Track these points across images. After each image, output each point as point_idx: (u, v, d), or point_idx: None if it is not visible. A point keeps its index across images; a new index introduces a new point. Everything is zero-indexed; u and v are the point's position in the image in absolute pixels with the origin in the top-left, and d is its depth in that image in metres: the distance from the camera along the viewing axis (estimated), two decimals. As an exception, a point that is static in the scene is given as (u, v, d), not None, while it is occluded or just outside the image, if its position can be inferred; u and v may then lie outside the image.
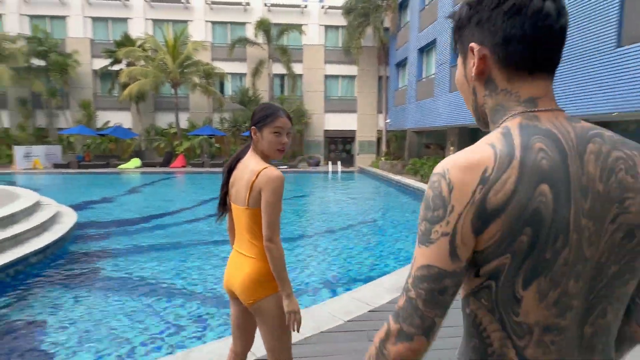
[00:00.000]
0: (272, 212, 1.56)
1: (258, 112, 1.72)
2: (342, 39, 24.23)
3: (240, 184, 1.68)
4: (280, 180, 1.58)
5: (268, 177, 1.57)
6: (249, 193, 1.60)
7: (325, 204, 10.65)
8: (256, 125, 1.69)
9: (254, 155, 1.71)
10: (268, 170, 1.59)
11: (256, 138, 1.70)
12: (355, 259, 5.70)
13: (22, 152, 19.20)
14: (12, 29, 22.31)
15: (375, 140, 24.84)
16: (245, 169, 1.67)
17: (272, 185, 1.56)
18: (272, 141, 1.68)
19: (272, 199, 1.56)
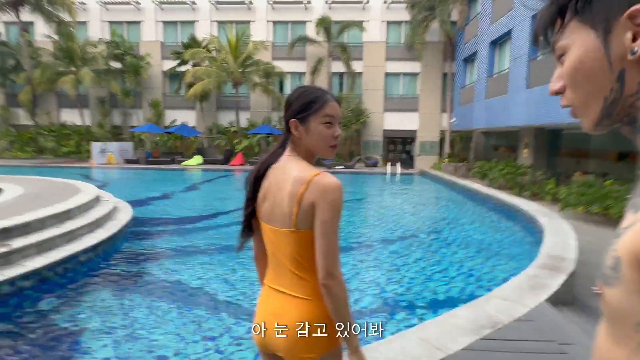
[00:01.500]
0: (332, 234, 1.13)
1: (298, 98, 1.26)
2: (404, 34, 23.19)
3: (278, 197, 1.21)
4: (340, 190, 1.15)
5: (324, 187, 1.14)
6: (296, 210, 1.15)
7: (382, 209, 9.95)
8: (297, 117, 1.24)
9: (294, 158, 1.25)
10: (322, 177, 1.15)
11: (298, 133, 1.25)
12: (416, 279, 5.00)
13: (98, 148, 20.72)
14: (94, 34, 24.25)
15: (438, 141, 23.44)
16: (285, 177, 1.21)
17: (330, 198, 1.13)
18: (323, 134, 1.24)
19: (331, 216, 1.13)
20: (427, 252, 6.19)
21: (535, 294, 3.27)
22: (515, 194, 11.64)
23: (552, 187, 11.01)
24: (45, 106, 24.79)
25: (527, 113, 12.25)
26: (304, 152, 1.26)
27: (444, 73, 22.85)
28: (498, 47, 16.07)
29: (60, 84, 21.46)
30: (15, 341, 3.25)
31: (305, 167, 1.19)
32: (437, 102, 23.31)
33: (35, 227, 4.69)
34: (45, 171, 16.60)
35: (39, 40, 24.18)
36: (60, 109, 25.07)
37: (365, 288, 4.56)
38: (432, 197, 12.79)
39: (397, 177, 18.59)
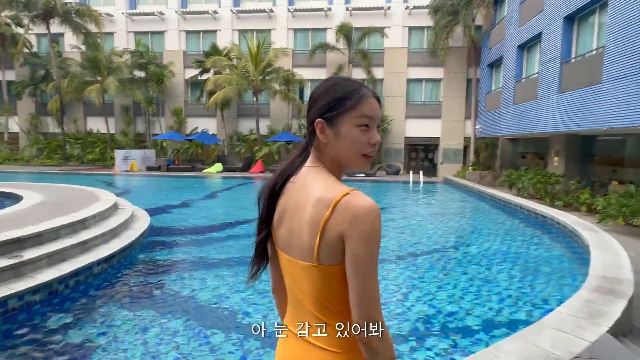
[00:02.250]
0: (369, 273, 0.86)
1: (327, 92, 0.98)
2: (427, 40, 22.78)
3: (296, 222, 0.95)
4: (377, 215, 0.87)
5: (355, 212, 0.86)
6: (319, 240, 0.88)
7: (404, 220, 9.53)
8: (325, 116, 0.96)
9: (318, 170, 0.98)
10: (352, 198, 0.87)
11: (325, 137, 0.97)
12: (446, 298, 4.59)
13: (121, 155, 21.05)
14: (120, 44, 24.86)
15: (462, 148, 22.78)
16: (305, 195, 0.94)
17: (365, 227, 0.85)
18: (357, 140, 0.95)
19: (367, 250, 0.85)
20: (456, 268, 5.75)
21: (594, 323, 2.85)
22: (546, 204, 11.00)
23: (588, 197, 10.34)
24: (73, 114, 25.49)
25: (559, 119, 11.62)
26: (331, 163, 0.99)
27: (468, 79, 22.29)
28: (526, 50, 15.46)
29: (87, 93, 22.01)
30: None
31: (331, 184, 0.92)
32: (461, 108, 22.70)
33: (48, 237, 4.56)
34: (71, 178, 16.91)
35: (67, 51, 24.97)
36: (86, 117, 25.74)
37: (388, 309, 4.19)
38: (457, 206, 12.26)
39: (420, 186, 18.06)
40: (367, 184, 18.23)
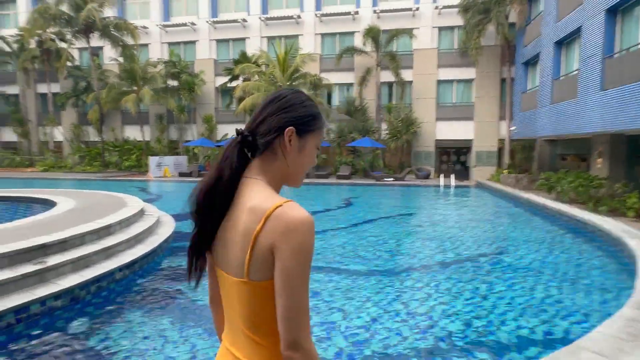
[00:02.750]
0: (298, 290, 0.83)
1: (303, 104, 0.99)
2: (458, 40, 22.13)
3: (230, 234, 0.91)
4: (310, 228, 0.84)
5: (287, 224, 0.82)
6: (250, 253, 0.85)
7: (435, 226, 9.17)
8: (299, 127, 0.97)
9: (258, 182, 0.94)
10: (285, 209, 0.84)
11: (289, 148, 0.96)
12: (476, 312, 4.29)
13: (155, 162, 21.75)
14: (154, 55, 25.82)
15: (496, 150, 21.87)
16: (240, 204, 0.91)
17: (296, 240, 0.82)
18: (311, 159, 1.02)
19: (296, 264, 0.82)
20: (489, 278, 5.41)
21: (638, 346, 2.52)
22: (589, 209, 10.27)
23: (635, 201, 9.56)
24: (111, 123, 26.67)
25: (602, 118, 10.86)
26: (274, 176, 0.97)
27: (502, 78, 21.43)
28: (565, 47, 14.64)
29: (124, 102, 22.96)
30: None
31: (267, 195, 0.89)
32: (494, 109, 21.84)
33: (73, 244, 4.66)
34: (108, 184, 17.64)
35: (106, 63, 26.21)
36: (123, 125, 26.85)
37: (414, 322, 3.96)
38: (491, 212, 11.71)
39: (452, 190, 17.47)
40: (396, 188, 17.85)
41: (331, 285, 4.94)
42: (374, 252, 6.59)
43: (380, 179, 19.64)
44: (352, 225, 8.99)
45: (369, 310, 4.20)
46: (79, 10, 22.33)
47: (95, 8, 22.08)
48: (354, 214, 10.84)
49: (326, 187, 18.18)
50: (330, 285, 4.94)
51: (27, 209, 7.82)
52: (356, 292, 4.71)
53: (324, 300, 4.44)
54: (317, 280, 5.09)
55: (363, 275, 5.39)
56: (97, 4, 22.47)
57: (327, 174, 21.24)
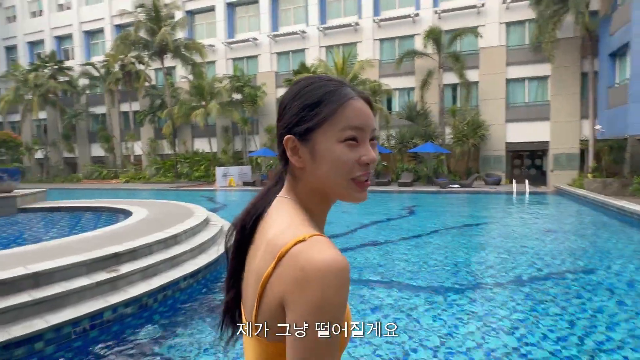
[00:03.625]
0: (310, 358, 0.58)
1: (296, 97, 0.72)
2: (529, 34, 20.53)
3: (248, 268, 0.72)
4: (337, 278, 0.58)
5: (304, 268, 0.58)
6: (257, 302, 0.65)
7: (508, 238, 8.38)
8: (295, 131, 0.71)
9: (286, 201, 0.73)
10: (306, 247, 0.60)
11: (299, 160, 0.72)
12: (563, 339, 3.73)
13: (221, 172, 22.83)
14: (220, 71, 27.32)
15: (578, 152, 19.79)
16: (262, 235, 0.70)
17: (315, 294, 0.57)
18: (341, 160, 0.68)
19: (312, 328, 0.56)
20: (576, 300, 4.73)
21: None
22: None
23: None
24: (182, 137, 28.61)
25: None
26: (309, 193, 0.73)
27: (583, 72, 19.43)
28: (661, 32, 12.85)
29: (194, 116, 24.51)
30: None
31: (290, 224, 0.66)
32: (574, 107, 19.82)
33: (142, 253, 4.89)
34: (179, 194, 18.82)
35: (178, 81, 28.26)
36: (193, 138, 28.66)
37: (484, 350, 3.52)
38: (574, 221, 10.49)
39: (526, 197, 16.05)
40: (463, 195, 16.84)
41: (391, 302, 4.63)
42: (439, 266, 6.14)
43: (445, 185, 18.69)
44: (414, 237, 8.54)
45: (434, 331, 3.84)
46: (154, 35, 24.36)
47: (168, 31, 23.94)
48: (417, 223, 10.33)
49: (387, 195, 17.70)
50: (390, 302, 4.64)
51: (108, 219, 8.50)
52: (420, 311, 4.36)
53: (385, 318, 4.15)
54: (376, 297, 4.81)
55: (427, 291, 5.01)
56: (169, 27, 24.35)
57: (388, 181, 20.72)
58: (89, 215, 9.51)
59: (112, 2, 30.36)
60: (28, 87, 28.32)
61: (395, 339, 3.67)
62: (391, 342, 3.61)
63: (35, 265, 3.97)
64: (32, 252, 4.62)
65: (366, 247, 7.52)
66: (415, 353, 3.43)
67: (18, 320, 3.42)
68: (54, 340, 3.46)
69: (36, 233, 7.38)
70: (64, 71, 29.99)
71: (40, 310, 3.58)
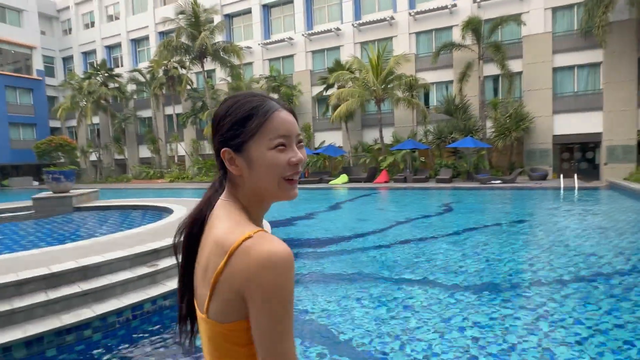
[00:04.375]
0: (279, 342, 0.68)
1: (227, 114, 0.81)
2: (577, 19, 19.26)
3: (197, 270, 0.81)
4: (285, 265, 0.68)
5: (255, 263, 0.68)
6: (210, 292, 0.73)
7: (553, 236, 7.96)
8: (231, 144, 0.80)
9: (227, 204, 0.82)
10: (254, 242, 0.70)
11: (237, 169, 0.81)
12: (608, 347, 3.52)
13: (259, 171, 23.36)
14: (257, 72, 27.91)
15: (635, 144, 18.35)
16: (207, 235, 0.80)
17: (269, 282, 0.67)
18: (274, 163, 0.79)
19: (273, 311, 0.68)
20: (627, 301, 4.43)
21: None
22: None
23: None
24: (222, 137, 29.54)
25: None
26: (249, 196, 0.82)
27: (639, 58, 17.95)
28: None
29: (232, 117, 25.23)
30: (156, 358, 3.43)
31: (234, 223, 0.75)
32: (630, 95, 18.38)
33: (180, 249, 5.15)
34: (219, 192, 19.46)
35: (217, 83, 29.21)
36: (233, 138, 29.51)
37: (520, 352, 3.39)
38: (630, 219, 9.76)
39: (575, 193, 15.13)
40: (506, 191, 16.15)
41: (426, 301, 4.57)
42: (476, 265, 5.96)
43: (485, 181, 18.01)
44: (452, 234, 8.32)
45: (469, 331, 3.75)
46: (194, 39, 25.33)
47: (207, 36, 24.80)
48: (455, 221, 10.05)
49: (424, 191, 17.33)
50: (424, 301, 4.58)
51: (152, 216, 9.00)
52: (455, 310, 4.27)
53: (417, 317, 4.11)
54: (411, 297, 4.77)
55: (463, 290, 4.89)
56: (208, 31, 25.21)
57: (426, 177, 20.28)
58: (136, 213, 10.12)
59: (156, 10, 31.90)
60: (82, 94, 30.46)
61: (425, 338, 3.63)
62: (421, 340, 3.58)
63: (84, 260, 4.32)
64: (83, 248, 5.01)
65: (401, 244, 7.44)
66: (445, 354, 3.38)
67: (68, 309, 3.74)
68: (101, 328, 3.75)
69: (88, 230, 7.96)
70: (114, 78, 31.95)
71: (88, 300, 3.89)
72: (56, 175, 10.23)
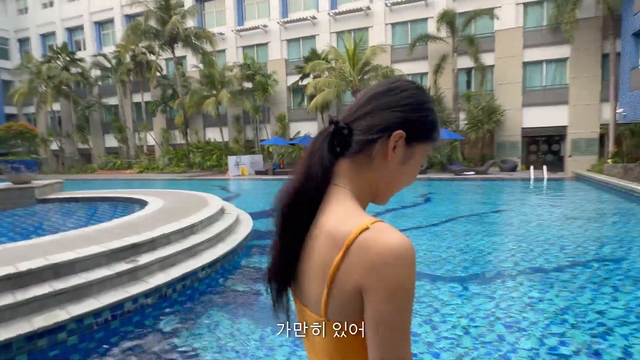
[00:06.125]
0: (396, 342, 0.62)
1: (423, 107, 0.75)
2: (547, 15, 19.84)
3: (308, 261, 0.72)
4: (408, 259, 0.62)
5: (376, 257, 0.61)
6: (327, 290, 0.66)
7: (527, 226, 8.19)
8: (410, 131, 0.73)
9: (343, 192, 0.73)
10: (373, 234, 0.63)
11: (393, 156, 0.73)
12: (592, 329, 3.60)
13: (233, 161, 22.86)
14: (230, 59, 27.13)
15: (598, 137, 19.25)
16: (319, 224, 0.71)
17: (392, 278, 0.61)
18: (412, 175, 0.78)
19: (394, 309, 0.61)
20: (603, 288, 4.57)
21: None
22: None
23: None
24: (194, 126, 28.66)
25: None
26: (363, 188, 0.75)
27: (604, 54, 18.75)
28: (690, 9, 12.25)
29: (205, 106, 24.49)
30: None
31: (349, 213, 0.69)
32: (594, 90, 19.21)
33: (160, 243, 4.87)
34: (192, 184, 18.92)
35: (189, 71, 28.18)
36: (205, 128, 28.69)
37: (510, 342, 3.41)
38: (596, 208, 10.22)
39: (544, 183, 15.72)
40: (478, 182, 16.57)
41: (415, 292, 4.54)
42: (457, 256, 6.01)
43: (459, 172, 18.40)
44: (430, 225, 8.40)
45: (456, 322, 3.74)
46: (164, 24, 24.25)
47: (178, 20, 23.79)
48: (432, 211, 10.17)
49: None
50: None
51: (124, 209, 8.55)
52: (440, 301, 4.26)
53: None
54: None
55: (445, 281, 4.90)
56: (179, 16, 24.19)
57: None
58: (106, 205, 9.59)
59: (122, -9, 30.28)
60: (41, 79, 28.60)
61: (412, 329, 3.59)
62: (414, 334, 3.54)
63: (55, 256, 3.98)
64: (52, 243, 4.64)
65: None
66: (437, 342, 3.34)
67: (39, 311, 3.43)
68: (76, 330, 3.46)
69: (55, 224, 7.46)
70: (76, 62, 30.17)
71: (61, 301, 3.59)
72: (16, 164, 9.51)
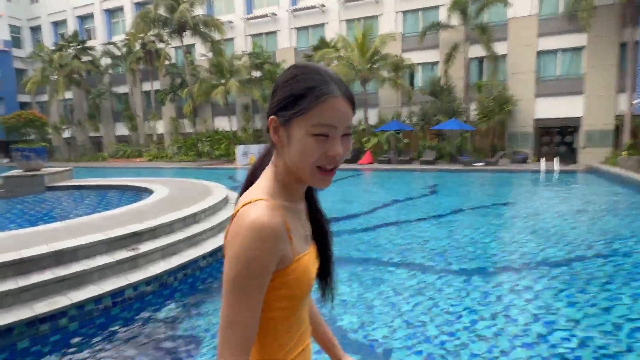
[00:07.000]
0: (227, 301, 0.70)
1: (286, 84, 0.77)
2: (563, 2, 19.25)
3: None
4: (257, 235, 0.69)
5: (238, 225, 0.71)
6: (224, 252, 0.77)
7: (535, 218, 8.05)
8: (280, 114, 0.77)
9: (267, 170, 0.83)
10: (247, 209, 0.72)
11: (277, 139, 0.79)
12: (592, 329, 3.53)
13: (241, 150, 22.90)
14: (239, 48, 27.00)
15: (613, 129, 18.77)
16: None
17: (237, 246, 0.70)
18: (309, 150, 0.75)
19: (230, 275, 0.70)
20: (609, 284, 4.48)
21: None
22: None
23: None
24: (203, 115, 28.73)
25: None
26: (286, 168, 0.81)
27: (622, 42, 18.15)
28: None
29: (214, 95, 24.46)
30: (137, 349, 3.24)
31: (256, 187, 0.80)
32: (611, 80, 18.67)
33: (163, 231, 4.90)
34: (201, 172, 19.02)
35: (198, 59, 28.14)
36: (214, 117, 28.74)
37: (512, 337, 3.36)
38: (608, 202, 9.99)
39: (555, 175, 15.43)
40: (488, 174, 16.34)
41: (414, 285, 4.50)
42: (463, 248, 5.94)
43: (469, 164, 18.17)
44: (437, 216, 8.32)
45: (458, 314, 3.70)
46: (173, 12, 24.17)
47: (187, 8, 23.69)
48: (440, 203, 10.07)
49: (408, 173, 17.36)
50: (412, 285, 4.51)
51: (131, 197, 8.62)
52: (442, 294, 4.22)
53: (407, 302, 4.04)
54: (398, 280, 4.69)
55: (450, 273, 4.85)
56: (188, 3, 24.07)
57: (409, 159, 20.31)
58: (113, 193, 9.69)
59: (131, -21, 30.19)
60: (53, 67, 28.86)
61: (415, 322, 3.56)
62: (412, 325, 3.51)
63: (58, 244, 4.03)
64: (57, 230, 4.70)
65: (386, 226, 7.37)
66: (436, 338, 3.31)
67: (41, 297, 3.48)
68: (77, 317, 3.51)
69: (63, 211, 7.56)
70: (87, 51, 30.35)
71: (63, 287, 3.64)
72: (26, 152, 9.64)
